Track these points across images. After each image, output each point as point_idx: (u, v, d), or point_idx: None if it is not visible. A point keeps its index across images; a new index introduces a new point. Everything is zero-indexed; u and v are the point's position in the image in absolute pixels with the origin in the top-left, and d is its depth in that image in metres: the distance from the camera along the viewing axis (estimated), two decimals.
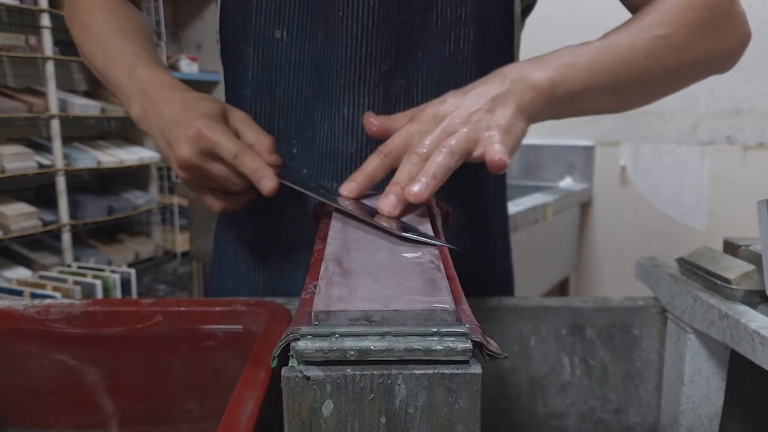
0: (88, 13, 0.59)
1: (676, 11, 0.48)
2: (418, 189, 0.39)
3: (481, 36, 0.55)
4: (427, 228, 0.39)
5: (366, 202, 0.44)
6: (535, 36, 0.86)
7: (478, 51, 0.55)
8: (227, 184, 0.48)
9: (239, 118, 0.50)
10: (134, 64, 0.52)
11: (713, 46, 0.50)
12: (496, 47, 0.57)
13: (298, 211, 0.58)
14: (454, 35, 0.54)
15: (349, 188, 0.43)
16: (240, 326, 0.46)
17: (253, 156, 0.46)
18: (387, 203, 0.39)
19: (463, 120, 0.42)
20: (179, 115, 0.47)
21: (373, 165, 0.43)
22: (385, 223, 0.38)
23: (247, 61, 0.56)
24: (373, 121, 0.47)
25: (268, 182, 0.46)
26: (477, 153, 0.41)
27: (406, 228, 0.38)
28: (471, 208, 0.60)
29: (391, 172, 0.43)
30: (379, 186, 0.45)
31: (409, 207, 0.44)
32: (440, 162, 0.40)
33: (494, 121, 0.42)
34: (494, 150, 0.40)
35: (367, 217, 0.39)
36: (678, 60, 0.49)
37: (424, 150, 0.41)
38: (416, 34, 0.54)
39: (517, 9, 0.57)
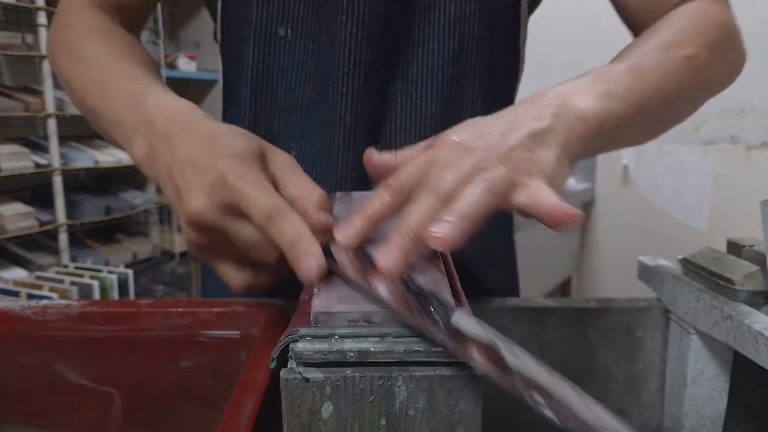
0: (82, 43, 0.49)
1: (695, 30, 0.46)
2: (443, 231, 0.29)
3: (488, 34, 0.53)
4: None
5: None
6: (537, 35, 0.86)
7: (484, 50, 0.54)
8: (256, 254, 0.35)
9: (281, 162, 0.37)
10: (143, 93, 0.41)
11: (725, 66, 0.49)
12: (503, 45, 0.56)
13: None
14: (458, 33, 0.53)
15: (346, 234, 0.32)
16: (239, 327, 0.46)
17: (295, 220, 0.33)
18: (387, 257, 0.29)
19: (500, 156, 0.32)
20: (198, 153, 0.35)
21: (379, 204, 0.32)
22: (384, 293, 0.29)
23: (246, 59, 0.55)
24: (375, 161, 0.37)
25: (309, 263, 0.32)
26: (521, 201, 0.32)
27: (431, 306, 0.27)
28: None
29: None
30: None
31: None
32: (475, 200, 0.30)
33: (537, 165, 0.32)
34: (551, 202, 0.31)
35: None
36: (700, 82, 0.46)
37: (447, 188, 0.31)
38: (416, 33, 0.53)
39: (524, 2, 0.56)
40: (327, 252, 0.33)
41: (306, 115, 0.55)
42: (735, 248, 0.49)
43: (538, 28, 0.77)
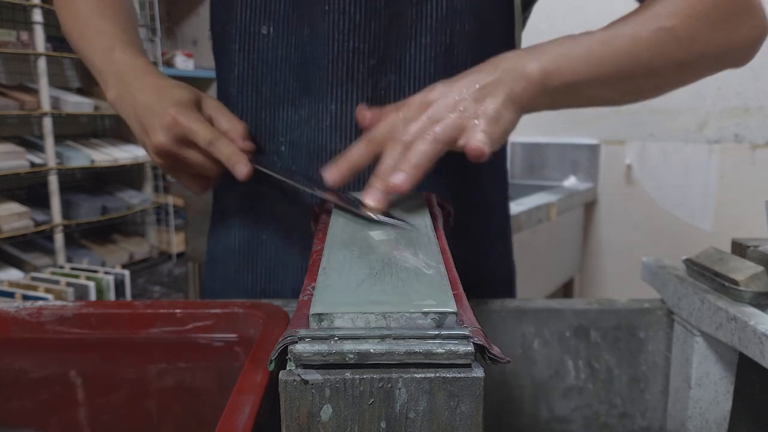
0: (75, 4, 0.59)
1: (686, 2, 0.47)
2: (400, 180, 0.39)
3: (479, 29, 0.54)
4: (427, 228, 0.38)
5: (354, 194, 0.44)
6: (539, 34, 0.85)
7: (476, 45, 0.54)
8: (203, 170, 0.51)
9: (212, 105, 0.52)
10: (112, 48, 0.54)
11: (724, 39, 0.49)
12: (495, 42, 0.56)
13: (288, 210, 0.57)
14: (449, 28, 0.53)
15: (331, 174, 0.42)
16: (236, 329, 0.45)
17: (227, 142, 0.49)
18: (372, 197, 0.40)
19: (449, 108, 0.41)
20: (153, 101, 0.49)
21: (357, 152, 0.43)
22: (370, 214, 0.40)
23: (233, 57, 0.56)
24: (366, 114, 0.46)
25: (242, 168, 0.48)
26: (461, 142, 0.41)
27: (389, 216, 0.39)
28: (465, 204, 0.59)
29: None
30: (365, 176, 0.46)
31: (407, 206, 0.43)
32: (423, 150, 0.40)
33: (481, 110, 0.41)
34: (476, 138, 0.40)
35: (349, 206, 0.41)
36: (685, 53, 0.48)
37: (408, 137, 0.41)
38: (408, 27, 0.53)
39: (517, 0, 0.56)
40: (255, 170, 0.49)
41: (293, 108, 0.56)
42: (740, 248, 0.48)
43: (540, 26, 0.76)
